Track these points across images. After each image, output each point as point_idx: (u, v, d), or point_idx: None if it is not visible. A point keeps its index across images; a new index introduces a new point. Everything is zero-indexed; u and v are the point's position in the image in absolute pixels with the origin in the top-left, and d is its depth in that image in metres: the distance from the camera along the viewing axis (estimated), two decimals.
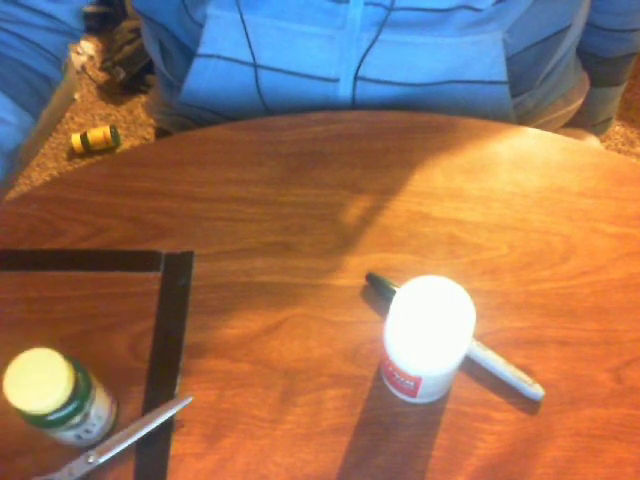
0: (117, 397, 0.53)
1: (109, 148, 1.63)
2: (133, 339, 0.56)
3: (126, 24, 1.70)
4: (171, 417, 0.52)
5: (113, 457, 0.50)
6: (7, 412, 0.52)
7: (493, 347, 0.55)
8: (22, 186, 1.55)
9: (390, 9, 0.60)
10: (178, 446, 0.51)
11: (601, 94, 0.90)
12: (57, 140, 1.65)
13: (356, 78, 0.66)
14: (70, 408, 0.46)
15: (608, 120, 0.96)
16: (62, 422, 0.46)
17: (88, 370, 0.48)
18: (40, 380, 0.44)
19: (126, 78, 1.67)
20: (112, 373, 0.54)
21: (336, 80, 0.67)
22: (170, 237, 0.61)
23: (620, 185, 0.63)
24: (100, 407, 0.49)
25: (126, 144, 1.65)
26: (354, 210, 0.62)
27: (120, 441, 0.50)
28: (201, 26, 0.66)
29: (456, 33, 0.62)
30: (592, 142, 0.86)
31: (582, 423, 0.52)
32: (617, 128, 1.60)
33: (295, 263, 0.59)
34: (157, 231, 0.61)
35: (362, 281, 0.58)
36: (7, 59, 0.65)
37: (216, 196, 0.63)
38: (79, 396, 0.46)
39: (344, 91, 0.67)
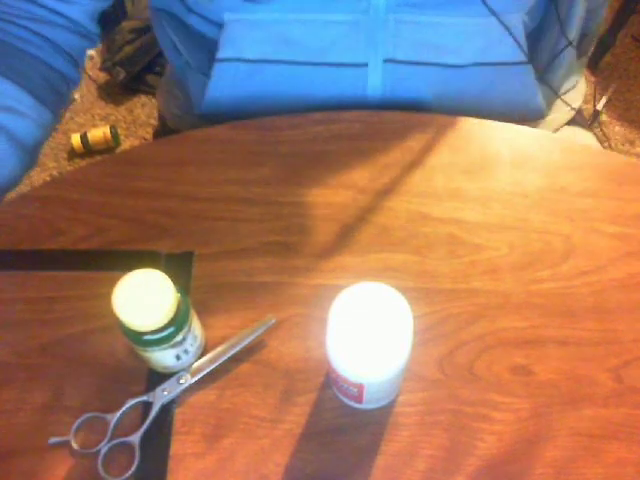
0: (118, 396, 0.53)
1: (109, 148, 1.63)
2: None
3: (126, 24, 1.70)
4: (171, 417, 0.52)
5: (200, 380, 0.53)
6: (6, 412, 0.53)
7: (493, 347, 0.55)
8: (22, 186, 1.54)
9: None
10: (178, 446, 0.51)
11: None
12: (57, 140, 1.65)
13: (385, 61, 0.66)
14: (175, 325, 0.48)
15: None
16: (168, 339, 0.48)
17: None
18: (149, 298, 0.46)
19: (126, 78, 1.67)
20: (112, 373, 0.54)
21: (365, 65, 0.66)
22: (170, 237, 0.61)
23: (620, 185, 0.63)
24: (196, 328, 0.52)
25: (126, 144, 1.65)
26: (354, 210, 0.62)
27: (210, 362, 0.54)
28: (216, 24, 0.65)
29: (483, 13, 0.62)
30: (592, 142, 0.86)
31: (582, 423, 0.52)
32: (617, 128, 1.60)
33: (295, 263, 0.59)
34: (157, 231, 0.61)
35: (362, 281, 0.58)
36: (26, 54, 0.64)
37: (216, 196, 0.63)
38: (181, 314, 0.48)
39: (374, 75, 0.67)
